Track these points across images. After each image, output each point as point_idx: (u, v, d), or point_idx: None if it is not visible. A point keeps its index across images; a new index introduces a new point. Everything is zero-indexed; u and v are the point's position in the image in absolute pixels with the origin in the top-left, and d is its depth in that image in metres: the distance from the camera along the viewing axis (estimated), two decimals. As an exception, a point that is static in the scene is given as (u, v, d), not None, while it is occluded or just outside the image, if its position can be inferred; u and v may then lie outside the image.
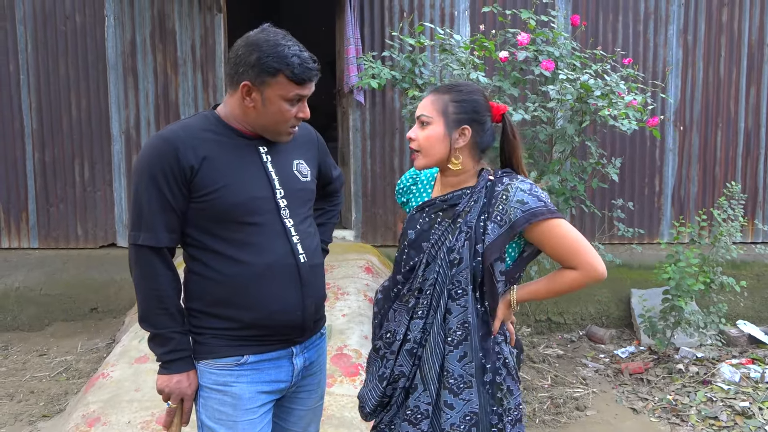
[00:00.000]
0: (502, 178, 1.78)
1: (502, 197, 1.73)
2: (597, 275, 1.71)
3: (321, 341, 1.93)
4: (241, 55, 1.66)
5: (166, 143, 1.64)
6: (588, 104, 3.35)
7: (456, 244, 1.72)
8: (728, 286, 3.98)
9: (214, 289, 1.70)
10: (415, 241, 1.79)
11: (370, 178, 5.25)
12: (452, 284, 1.73)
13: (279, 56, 1.62)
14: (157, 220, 1.64)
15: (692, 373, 4.08)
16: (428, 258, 1.75)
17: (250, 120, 1.70)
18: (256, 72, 1.63)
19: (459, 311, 1.73)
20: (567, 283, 1.74)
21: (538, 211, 1.70)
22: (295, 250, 1.73)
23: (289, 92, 1.65)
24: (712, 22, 5.16)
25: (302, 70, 1.64)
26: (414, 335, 1.75)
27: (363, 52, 4.99)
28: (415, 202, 1.92)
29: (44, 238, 5.25)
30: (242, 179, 1.69)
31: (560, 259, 1.74)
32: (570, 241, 1.71)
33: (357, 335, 3.70)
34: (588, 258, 1.70)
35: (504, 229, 1.71)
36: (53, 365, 4.35)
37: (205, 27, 5.13)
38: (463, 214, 1.74)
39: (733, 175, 5.27)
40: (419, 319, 1.75)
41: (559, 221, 1.71)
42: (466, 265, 1.72)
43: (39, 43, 5.11)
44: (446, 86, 1.82)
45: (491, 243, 1.71)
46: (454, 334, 1.72)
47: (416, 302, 1.76)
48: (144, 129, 5.19)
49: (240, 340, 1.72)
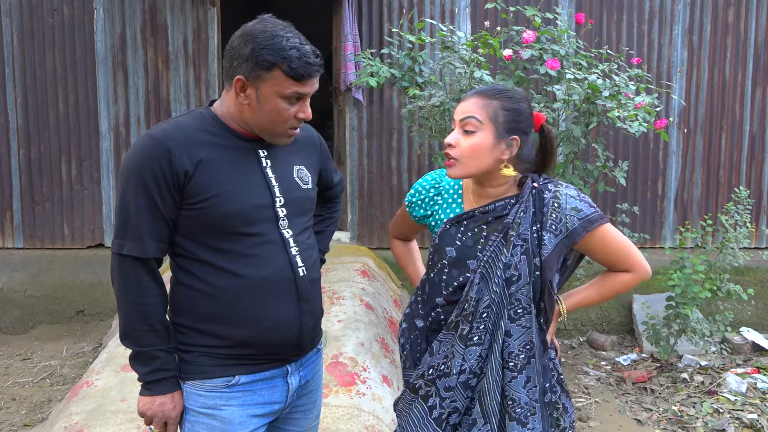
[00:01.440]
0: (547, 184, 1.65)
1: (553, 205, 1.60)
2: (648, 275, 1.68)
3: (317, 357, 1.79)
4: (236, 47, 1.51)
5: (158, 144, 1.48)
6: (595, 105, 3.22)
7: (512, 260, 1.58)
8: (735, 293, 3.87)
9: (204, 303, 1.55)
10: (458, 259, 1.63)
11: (366, 178, 5.11)
12: (510, 304, 1.59)
13: (275, 48, 1.46)
14: (144, 229, 1.49)
15: (697, 382, 3.97)
16: (480, 277, 1.60)
17: (246, 119, 1.55)
18: (250, 66, 1.47)
19: (521, 332, 1.59)
20: (620, 286, 1.67)
21: (593, 218, 1.61)
22: (293, 262, 1.59)
23: (286, 89, 1.48)
24: (717, 22, 5.05)
25: (301, 65, 1.47)
26: (470, 365, 1.60)
27: (361, 49, 4.86)
28: (443, 214, 1.73)
29: (29, 238, 5.08)
30: (240, 186, 1.53)
31: (611, 263, 1.67)
32: (621, 244, 1.65)
33: (353, 342, 3.56)
34: (640, 259, 1.66)
35: (560, 238, 1.59)
36: (37, 370, 4.19)
37: (198, 21, 4.97)
38: (515, 226, 1.59)
39: (737, 179, 5.17)
40: (476, 346, 1.60)
41: (609, 225, 1.64)
42: (526, 281, 1.58)
43: (25, 36, 4.94)
44: (493, 90, 1.66)
45: (549, 254, 1.58)
46: (516, 358, 1.58)
47: (470, 328, 1.60)
48: (134, 126, 5.03)
49: (231, 359, 1.57)
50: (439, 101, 3.36)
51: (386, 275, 4.88)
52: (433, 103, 3.42)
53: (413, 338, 1.73)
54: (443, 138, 3.76)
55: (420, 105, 3.42)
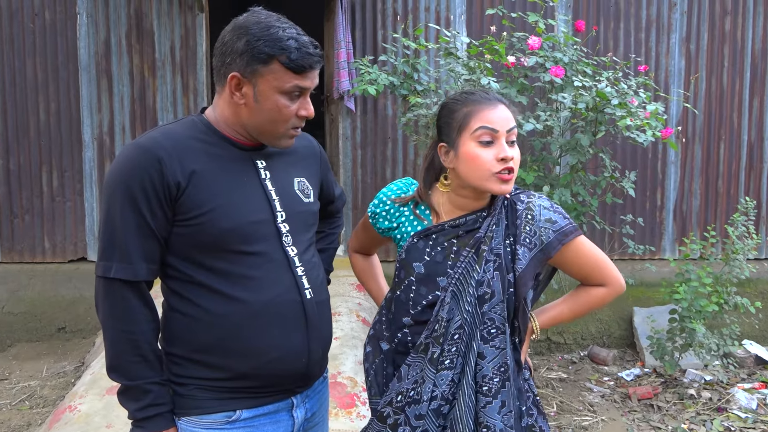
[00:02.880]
0: (519, 195, 1.56)
1: (526, 217, 1.51)
2: (622, 289, 1.59)
3: (323, 387, 1.63)
4: (228, 41, 1.37)
5: (147, 154, 1.33)
6: (603, 113, 3.12)
7: (485, 276, 1.47)
8: (742, 307, 3.77)
9: (201, 332, 1.38)
10: (426, 276, 1.51)
11: (360, 189, 4.97)
12: (483, 324, 1.47)
13: (272, 39, 1.33)
14: (133, 248, 1.33)
15: (705, 399, 3.86)
16: (451, 296, 1.48)
17: (243, 121, 1.40)
18: (246, 60, 1.34)
19: (494, 354, 1.47)
20: (595, 301, 1.59)
21: (567, 230, 1.52)
22: (299, 284, 1.43)
23: (286, 83, 1.35)
24: (715, 31, 5.00)
25: (301, 56, 1.34)
26: (441, 390, 1.46)
27: (354, 57, 4.73)
28: (410, 227, 1.59)
29: (8, 252, 4.85)
30: (237, 200, 1.39)
31: (585, 277, 1.58)
32: (596, 257, 1.57)
33: (351, 361, 3.41)
34: (614, 272, 1.58)
35: (534, 252, 1.50)
36: (15, 392, 3.97)
37: (186, 27, 4.81)
38: (487, 240, 1.49)
39: (736, 189, 5.11)
40: (447, 370, 1.47)
41: (583, 238, 1.56)
42: (500, 299, 1.47)
43: (4, 42, 4.74)
44: (506, 99, 1.58)
45: (523, 270, 1.49)
46: (491, 381, 1.46)
47: (441, 350, 1.47)
48: (118, 135, 4.84)
49: (231, 393, 1.41)
50: (442, 109, 3.23)
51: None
52: (435, 112, 3.30)
53: (378, 362, 1.60)
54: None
55: (422, 113, 3.29)
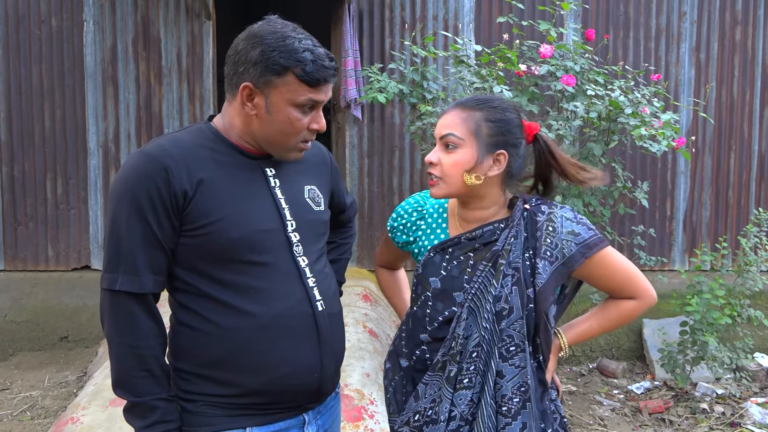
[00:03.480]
0: (539, 205, 1.49)
1: (547, 229, 1.44)
2: (653, 301, 1.52)
3: (335, 402, 1.57)
4: (242, 50, 1.33)
5: (154, 162, 1.29)
6: (616, 123, 3.07)
7: (502, 291, 1.41)
8: (756, 319, 3.71)
9: (210, 346, 1.34)
10: (443, 291, 1.46)
11: (367, 198, 4.92)
12: (502, 341, 1.41)
13: (287, 51, 1.30)
14: (140, 260, 1.29)
15: (718, 413, 3.79)
16: (468, 312, 1.42)
17: (253, 132, 1.37)
18: (260, 70, 1.31)
19: (514, 373, 1.41)
20: (625, 315, 1.51)
21: (591, 242, 1.45)
22: (311, 295, 1.38)
23: (299, 96, 1.32)
24: (725, 40, 4.96)
25: (316, 68, 1.31)
26: (460, 410, 1.40)
27: (361, 65, 4.70)
28: (427, 241, 1.55)
29: (11, 260, 4.81)
30: (246, 208, 1.35)
31: (614, 290, 1.51)
32: (624, 269, 1.49)
33: (358, 373, 3.36)
34: (645, 284, 1.51)
35: (556, 266, 1.43)
36: (16, 402, 3.91)
37: (193, 35, 4.79)
38: (505, 254, 1.42)
39: (747, 199, 5.05)
40: (466, 389, 1.41)
41: (609, 249, 1.48)
42: (518, 315, 1.41)
43: (11, 48, 4.72)
44: (476, 100, 1.49)
45: (544, 285, 1.42)
46: (510, 402, 1.39)
47: (459, 369, 1.41)
48: (124, 142, 4.81)
49: (241, 409, 1.36)
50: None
51: (388, 299, 4.68)
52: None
53: (397, 380, 1.55)
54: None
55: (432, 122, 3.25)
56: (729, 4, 4.94)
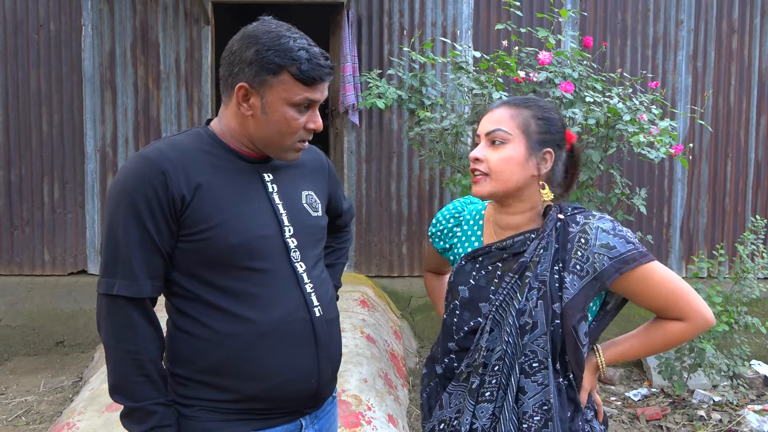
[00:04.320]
0: (575, 215, 1.42)
1: (579, 241, 1.37)
2: (708, 324, 1.39)
3: (332, 406, 1.57)
4: (236, 51, 1.33)
5: (152, 165, 1.29)
6: (614, 129, 3.08)
7: (527, 305, 1.36)
8: (753, 327, 3.71)
9: (208, 352, 1.33)
10: (470, 301, 1.43)
11: (365, 203, 4.92)
12: (524, 356, 1.36)
13: (283, 50, 1.29)
14: (137, 264, 1.28)
15: (715, 420, 3.79)
16: (492, 324, 1.39)
17: (249, 133, 1.37)
18: (255, 70, 1.30)
19: (536, 390, 1.35)
20: (672, 338, 1.39)
21: (629, 257, 1.35)
22: (309, 301, 1.38)
23: (295, 95, 1.31)
24: (722, 49, 4.99)
25: (311, 67, 1.30)
26: (482, 423, 1.38)
27: (360, 71, 4.71)
28: (462, 248, 1.52)
29: (7, 264, 4.79)
30: (243, 214, 1.34)
31: (660, 309, 1.40)
32: (671, 287, 1.37)
33: (356, 378, 3.35)
34: (697, 305, 1.37)
35: (586, 281, 1.36)
36: (11, 407, 3.89)
37: (191, 40, 4.80)
38: (532, 266, 1.38)
39: (743, 207, 5.07)
40: (488, 402, 1.38)
41: (653, 264, 1.37)
42: (542, 330, 1.35)
43: (8, 52, 4.72)
44: (524, 99, 1.47)
45: (571, 300, 1.35)
46: (531, 420, 1.35)
47: (481, 382, 1.39)
48: (121, 147, 4.80)
49: (238, 414, 1.35)
50: (451, 124, 3.20)
51: (386, 305, 4.68)
52: (444, 126, 3.26)
53: (432, 386, 1.54)
54: (453, 162, 3.59)
55: (431, 127, 3.26)
56: (726, 12, 4.98)
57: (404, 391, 3.77)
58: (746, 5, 4.97)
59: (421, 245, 4.89)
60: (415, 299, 4.92)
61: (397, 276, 4.96)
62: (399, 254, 4.94)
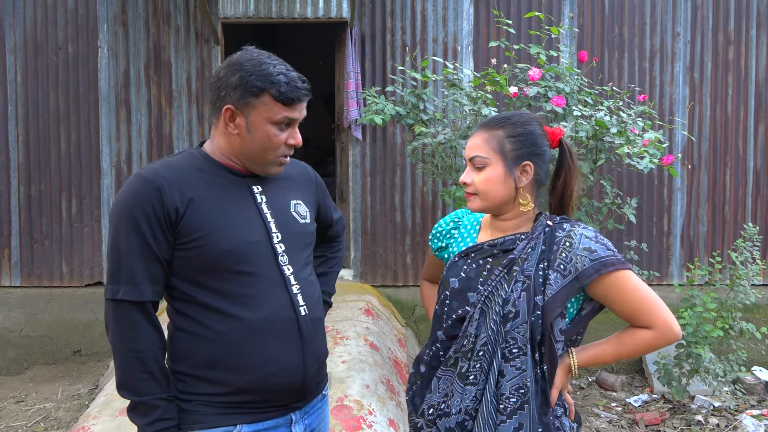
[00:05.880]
0: (562, 223, 1.56)
1: (564, 244, 1.51)
2: (674, 336, 1.49)
3: (323, 404, 1.71)
4: (223, 77, 1.49)
5: (148, 183, 1.44)
6: (603, 142, 3.20)
7: (511, 295, 1.49)
8: (748, 332, 3.78)
9: (204, 349, 1.48)
10: (459, 291, 1.57)
11: (369, 215, 5.06)
12: (506, 342, 1.49)
13: (263, 74, 1.46)
14: (139, 271, 1.43)
15: (712, 425, 3.85)
16: (479, 312, 1.52)
17: (236, 150, 1.52)
18: (239, 93, 1.46)
19: (514, 374, 1.48)
20: (640, 345, 1.51)
21: (608, 261, 1.48)
22: (295, 301, 1.53)
23: (276, 114, 1.47)
24: (718, 60, 5.08)
25: (290, 89, 1.47)
26: (465, 405, 1.51)
27: (363, 87, 4.87)
28: (456, 247, 1.68)
29: (27, 276, 5.00)
30: (233, 223, 1.49)
31: (630, 317, 1.51)
32: (642, 295, 1.49)
33: (358, 384, 3.46)
34: (664, 316, 1.49)
35: (568, 279, 1.48)
36: (31, 413, 4.06)
37: (202, 59, 4.99)
38: (520, 261, 1.52)
39: (743, 215, 5.13)
40: (471, 386, 1.50)
41: (629, 273, 1.50)
42: (524, 319, 1.48)
43: (29, 74, 4.95)
44: (496, 120, 1.61)
45: (553, 295, 1.48)
46: (507, 401, 1.47)
47: (468, 366, 1.51)
48: (136, 163, 5.00)
49: (231, 408, 1.50)
50: (446, 138, 3.34)
51: (390, 314, 4.79)
52: (439, 140, 3.40)
53: (419, 384, 1.66)
54: (450, 175, 3.73)
55: (426, 142, 3.40)
56: (722, 24, 5.07)
57: (406, 396, 3.87)
58: (742, 17, 5.06)
59: (424, 255, 5.01)
60: (419, 308, 5.04)
61: (401, 285, 5.09)
62: (403, 264, 5.07)
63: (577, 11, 5.03)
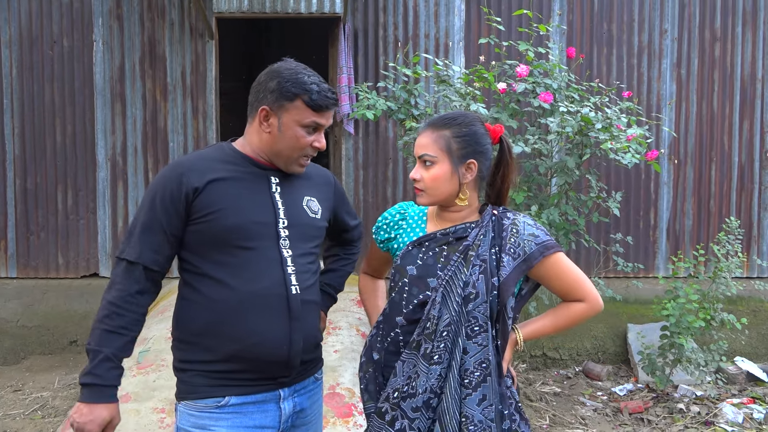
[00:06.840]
0: (506, 212, 1.74)
1: (512, 230, 1.68)
2: (600, 307, 1.73)
3: (316, 387, 1.80)
4: (263, 81, 1.68)
5: (174, 169, 1.65)
6: (588, 137, 3.29)
7: (470, 278, 1.63)
8: (729, 323, 3.89)
9: (200, 316, 1.63)
10: (418, 277, 1.68)
11: (362, 208, 5.14)
12: (468, 321, 1.63)
13: (298, 82, 1.64)
14: (144, 239, 1.62)
15: (693, 413, 3.96)
16: (441, 295, 1.64)
17: (266, 146, 1.69)
18: (275, 97, 1.65)
19: (477, 350, 1.62)
20: (575, 316, 1.72)
21: (549, 244, 1.68)
22: (287, 279, 1.64)
23: (305, 118, 1.65)
24: (705, 56, 5.18)
25: (320, 97, 1.65)
26: (431, 384, 1.61)
27: (356, 82, 4.94)
28: (407, 237, 1.78)
29: (23, 268, 5.06)
30: (244, 204, 1.64)
31: (565, 293, 1.72)
32: (574, 273, 1.71)
33: (350, 373, 3.55)
34: (591, 290, 1.71)
35: (518, 261, 1.66)
36: (28, 402, 4.13)
37: (196, 53, 5.05)
38: (474, 247, 1.66)
39: (727, 209, 5.24)
40: (436, 365, 1.62)
41: (562, 254, 1.71)
42: (483, 299, 1.63)
43: (24, 68, 4.99)
44: (443, 120, 1.73)
45: (507, 276, 1.64)
46: (471, 375, 1.61)
47: (432, 347, 1.62)
48: (131, 156, 5.06)
49: (221, 379, 1.62)
50: (435, 133, 3.41)
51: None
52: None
53: (371, 372, 1.75)
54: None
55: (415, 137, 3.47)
56: (708, 21, 5.16)
57: (397, 385, 3.96)
58: (728, 14, 5.16)
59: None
60: (410, 299, 5.12)
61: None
62: (395, 256, 5.15)
63: (567, 8, 5.10)
